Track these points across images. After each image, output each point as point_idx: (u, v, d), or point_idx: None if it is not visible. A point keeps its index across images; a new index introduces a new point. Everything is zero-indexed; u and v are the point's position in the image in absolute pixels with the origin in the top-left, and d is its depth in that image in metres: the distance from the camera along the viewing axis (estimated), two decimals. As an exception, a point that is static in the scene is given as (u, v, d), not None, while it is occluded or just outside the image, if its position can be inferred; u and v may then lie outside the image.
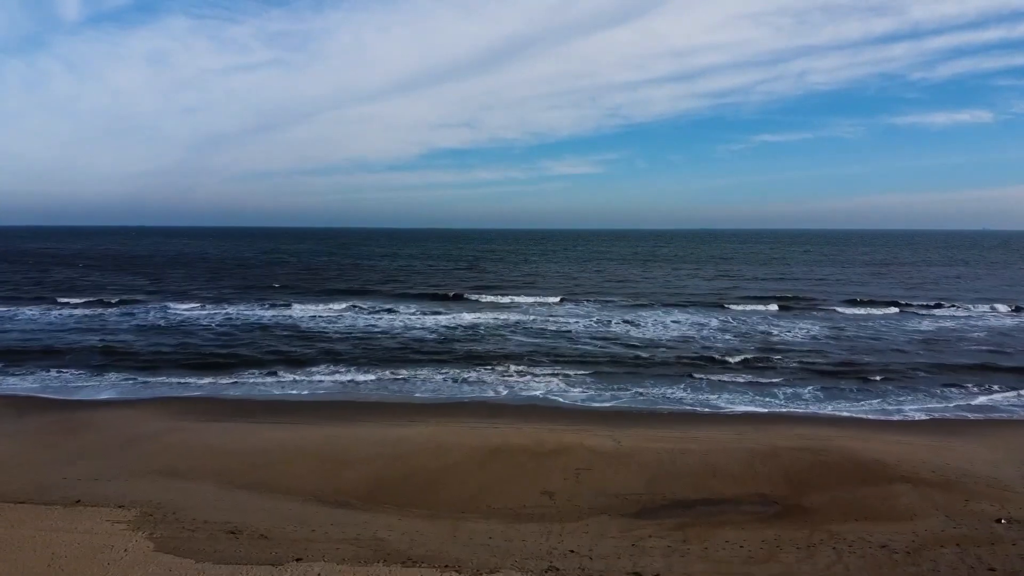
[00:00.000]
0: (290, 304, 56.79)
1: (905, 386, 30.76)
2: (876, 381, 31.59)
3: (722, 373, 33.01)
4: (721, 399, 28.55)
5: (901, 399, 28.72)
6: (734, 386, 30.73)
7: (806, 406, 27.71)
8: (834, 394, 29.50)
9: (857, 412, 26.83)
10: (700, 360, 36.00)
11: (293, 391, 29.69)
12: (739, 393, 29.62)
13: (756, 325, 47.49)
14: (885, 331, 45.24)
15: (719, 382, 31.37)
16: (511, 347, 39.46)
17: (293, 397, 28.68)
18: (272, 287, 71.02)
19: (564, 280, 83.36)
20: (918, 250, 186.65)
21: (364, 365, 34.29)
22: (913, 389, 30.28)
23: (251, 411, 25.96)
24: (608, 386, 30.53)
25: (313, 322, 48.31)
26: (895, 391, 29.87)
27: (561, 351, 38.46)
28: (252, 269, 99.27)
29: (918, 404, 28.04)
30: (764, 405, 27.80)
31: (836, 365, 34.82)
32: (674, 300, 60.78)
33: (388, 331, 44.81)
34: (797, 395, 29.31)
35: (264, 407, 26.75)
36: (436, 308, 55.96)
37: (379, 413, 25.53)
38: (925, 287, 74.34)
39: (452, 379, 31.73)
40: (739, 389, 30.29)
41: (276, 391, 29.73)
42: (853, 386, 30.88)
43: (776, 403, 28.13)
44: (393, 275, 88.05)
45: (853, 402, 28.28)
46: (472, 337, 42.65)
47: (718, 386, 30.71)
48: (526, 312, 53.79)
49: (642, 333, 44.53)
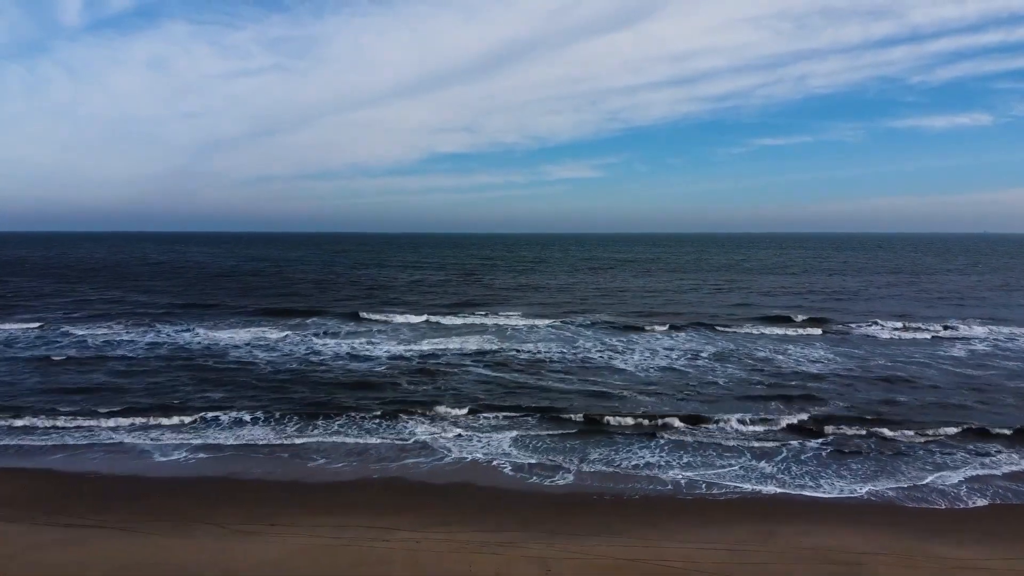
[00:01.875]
0: (230, 325, 50.26)
1: (976, 453, 23.92)
2: (923, 445, 24.76)
3: (714, 427, 26.24)
4: (711, 472, 21.75)
5: (966, 483, 21.89)
6: (729, 451, 23.89)
7: (832, 487, 20.78)
8: (871, 467, 22.58)
9: (911, 500, 19.98)
10: (689, 402, 29.24)
11: (139, 460, 23.03)
12: (735, 460, 22.84)
13: (763, 351, 40.62)
14: (930, 362, 38.24)
15: (709, 444, 24.58)
16: (467, 385, 32.79)
17: (133, 469, 21.86)
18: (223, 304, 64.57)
19: (552, 294, 76.68)
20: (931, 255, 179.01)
21: (270, 412, 27.63)
22: (983, 456, 23.44)
23: (55, 496, 19.33)
24: (565, 447, 23.81)
25: (242, 350, 41.67)
26: (953, 461, 23.00)
27: (524, 390, 31.76)
28: (215, 280, 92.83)
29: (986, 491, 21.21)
30: (770, 481, 21.00)
31: (874, 415, 27.95)
32: (671, 318, 53.99)
33: (328, 361, 38.19)
34: (819, 470, 22.28)
35: (78, 489, 20.01)
36: (399, 330, 49.33)
37: (232, 505, 18.65)
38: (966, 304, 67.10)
39: (370, 436, 25.03)
40: (735, 455, 23.49)
41: (118, 461, 23.09)
42: (896, 452, 24.06)
43: (788, 480, 21.29)
44: (370, 288, 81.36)
45: (898, 481, 21.43)
46: (425, 370, 35.98)
47: (705, 452, 23.90)
48: (501, 334, 47.10)
49: (626, 363, 37.78)
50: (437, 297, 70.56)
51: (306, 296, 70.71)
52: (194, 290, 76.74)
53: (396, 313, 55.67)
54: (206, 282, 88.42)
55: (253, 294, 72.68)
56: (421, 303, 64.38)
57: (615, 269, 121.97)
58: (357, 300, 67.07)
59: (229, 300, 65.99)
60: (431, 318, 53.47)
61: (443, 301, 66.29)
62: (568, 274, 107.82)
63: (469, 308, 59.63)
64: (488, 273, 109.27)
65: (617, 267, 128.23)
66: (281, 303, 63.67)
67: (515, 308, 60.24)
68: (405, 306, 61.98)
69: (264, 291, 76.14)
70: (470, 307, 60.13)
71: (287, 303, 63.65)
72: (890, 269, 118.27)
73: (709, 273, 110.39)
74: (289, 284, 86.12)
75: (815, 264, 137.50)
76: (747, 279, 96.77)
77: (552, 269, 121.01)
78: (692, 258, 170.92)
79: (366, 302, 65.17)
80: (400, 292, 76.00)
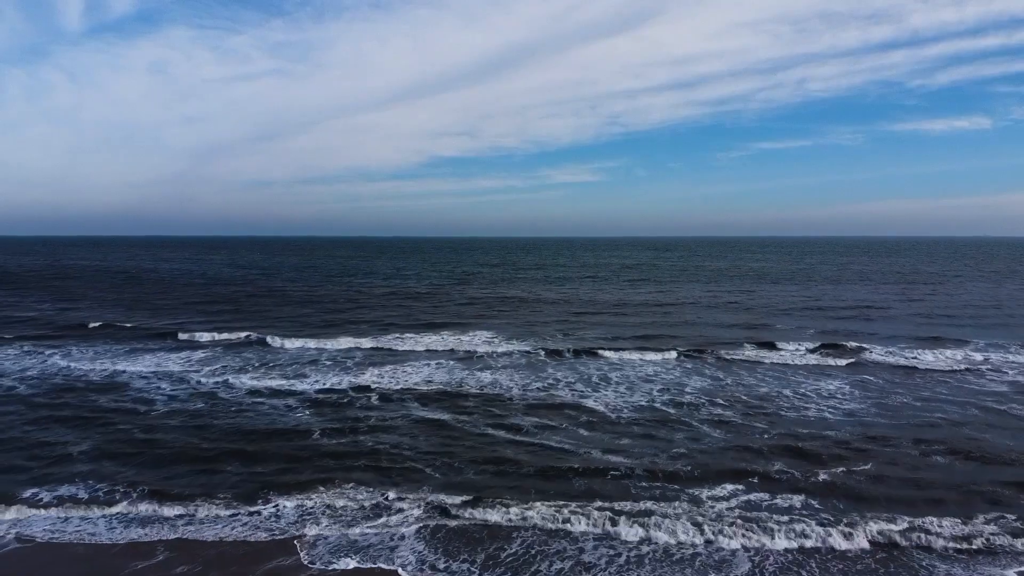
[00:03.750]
0: (150, 349, 43.88)
1: None
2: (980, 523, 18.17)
3: (697, 507, 19.66)
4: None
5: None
6: (716, 568, 17.30)
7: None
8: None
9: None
10: (663, 462, 22.69)
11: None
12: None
13: (766, 384, 33.97)
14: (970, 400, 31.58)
15: (684, 559, 18.00)
16: (391, 437, 26.31)
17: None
18: (155, 320, 58.26)
19: (535, 308, 70.26)
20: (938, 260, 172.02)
21: (115, 485, 21.13)
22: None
23: None
24: (486, 559, 17.28)
25: (146, 383, 35.10)
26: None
27: (459, 447, 25.22)
28: (166, 290, 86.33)
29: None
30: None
31: (917, 492, 21.36)
32: (658, 341, 47.50)
33: (240, 399, 31.70)
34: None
35: None
36: (347, 355, 42.80)
37: None
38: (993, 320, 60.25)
39: (226, 526, 18.52)
40: (725, 558, 16.91)
41: None
42: (946, 556, 17.50)
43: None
44: (332, 303, 74.58)
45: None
46: (348, 416, 29.46)
47: (683, 559, 17.32)
48: (462, 362, 40.60)
49: (597, 402, 31.29)
50: (406, 313, 64.06)
51: (254, 313, 63.68)
52: (128, 302, 70.24)
53: (349, 335, 49.14)
54: (153, 293, 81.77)
55: (194, 308, 66.06)
56: (383, 321, 57.88)
57: (608, 279, 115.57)
58: (310, 317, 60.54)
59: (166, 316, 59.57)
60: (386, 341, 46.90)
61: (409, 320, 59.76)
62: (558, 283, 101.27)
63: (436, 329, 53.07)
64: (474, 282, 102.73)
65: (612, 276, 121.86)
66: (223, 320, 57.18)
67: (489, 327, 53.86)
68: (368, 323, 55.54)
69: (209, 305, 69.43)
70: (436, 328, 53.50)
71: (230, 320, 57.13)
72: (903, 278, 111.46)
73: (707, 283, 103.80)
74: (245, 297, 79.19)
75: (820, 271, 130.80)
76: (747, 289, 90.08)
77: (543, 278, 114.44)
78: (691, 263, 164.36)
79: (322, 319, 58.70)
80: (366, 308, 69.38)
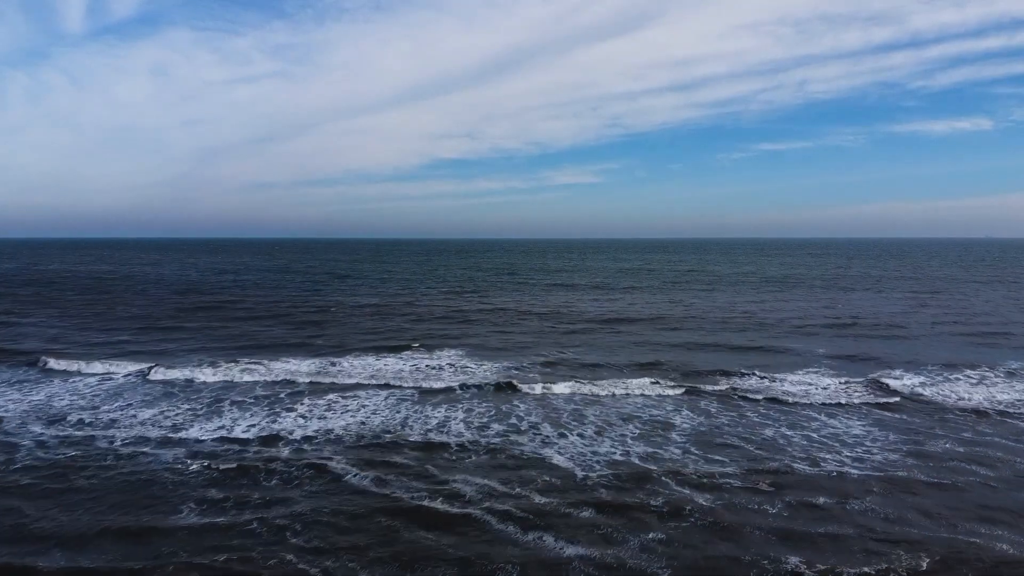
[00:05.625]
0: (47, 374, 38.34)
1: None
2: None
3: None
4: None
5: None
6: None
7: None
8: None
9: None
10: (641, 557, 17.04)
11: None
12: None
13: (771, 426, 28.22)
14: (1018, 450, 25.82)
15: None
16: (267, 527, 20.67)
17: None
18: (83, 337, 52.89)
19: (517, 321, 64.83)
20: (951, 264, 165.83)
21: None
22: None
23: None
24: None
25: (22, 423, 29.48)
26: None
27: (357, 539, 19.55)
28: (104, 298, 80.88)
29: None
30: None
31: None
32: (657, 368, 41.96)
33: (118, 449, 26.00)
34: None
35: None
36: (266, 390, 37.21)
37: None
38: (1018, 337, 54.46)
39: None
40: None
41: None
42: None
43: None
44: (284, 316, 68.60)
45: None
46: (229, 482, 23.82)
47: None
48: (411, 395, 35.01)
49: (563, 452, 25.72)
50: (372, 328, 58.47)
51: (196, 331, 57.03)
52: (56, 315, 64.83)
53: (296, 358, 43.57)
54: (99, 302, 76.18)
55: (121, 324, 60.13)
56: (343, 339, 52.18)
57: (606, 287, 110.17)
58: (261, 335, 54.90)
59: (94, 333, 54.05)
60: (333, 369, 41.19)
61: (375, 338, 54.15)
62: (551, 291, 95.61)
63: (399, 350, 47.33)
64: (462, 289, 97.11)
65: (610, 283, 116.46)
66: (151, 340, 51.35)
67: (464, 346, 48.41)
68: (325, 343, 50.02)
69: (140, 319, 63.62)
70: (399, 350, 47.72)
71: (161, 341, 51.31)
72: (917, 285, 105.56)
73: (706, 290, 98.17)
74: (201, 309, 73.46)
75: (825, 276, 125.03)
76: (750, 297, 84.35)
77: (537, 283, 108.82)
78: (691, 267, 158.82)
79: (273, 338, 53.10)
80: (334, 323, 63.63)
